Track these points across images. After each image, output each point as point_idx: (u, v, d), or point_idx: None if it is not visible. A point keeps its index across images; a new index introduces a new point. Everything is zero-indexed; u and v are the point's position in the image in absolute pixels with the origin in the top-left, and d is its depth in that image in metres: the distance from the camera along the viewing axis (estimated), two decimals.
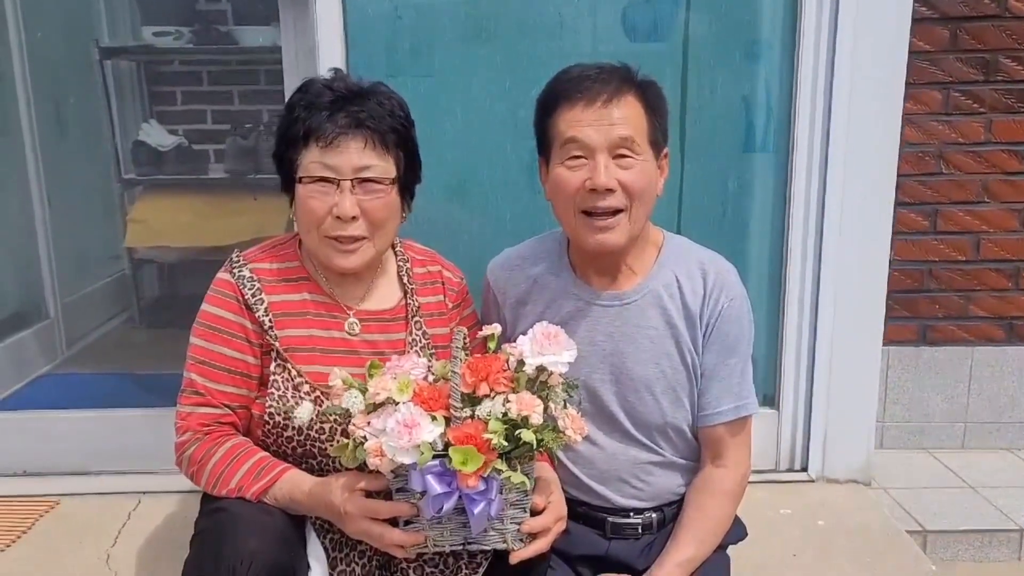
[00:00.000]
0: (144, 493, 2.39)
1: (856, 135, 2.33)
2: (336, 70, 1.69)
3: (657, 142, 1.61)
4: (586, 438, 1.52)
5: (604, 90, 1.55)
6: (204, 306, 1.63)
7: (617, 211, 1.57)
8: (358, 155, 1.57)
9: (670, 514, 1.72)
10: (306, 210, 1.58)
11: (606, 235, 1.59)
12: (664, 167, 1.66)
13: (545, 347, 1.43)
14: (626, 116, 1.56)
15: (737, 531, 1.77)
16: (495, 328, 1.55)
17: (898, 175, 2.41)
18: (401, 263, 1.75)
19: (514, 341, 1.50)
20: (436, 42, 2.33)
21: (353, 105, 1.57)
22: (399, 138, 1.62)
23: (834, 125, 2.32)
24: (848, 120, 2.32)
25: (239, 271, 1.63)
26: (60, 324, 3.41)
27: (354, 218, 1.57)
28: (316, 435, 1.58)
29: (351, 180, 1.56)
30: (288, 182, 1.63)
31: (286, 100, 1.67)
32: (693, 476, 1.73)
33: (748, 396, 1.69)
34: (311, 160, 1.57)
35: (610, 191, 1.55)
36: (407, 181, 1.66)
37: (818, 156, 2.36)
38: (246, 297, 1.60)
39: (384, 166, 1.59)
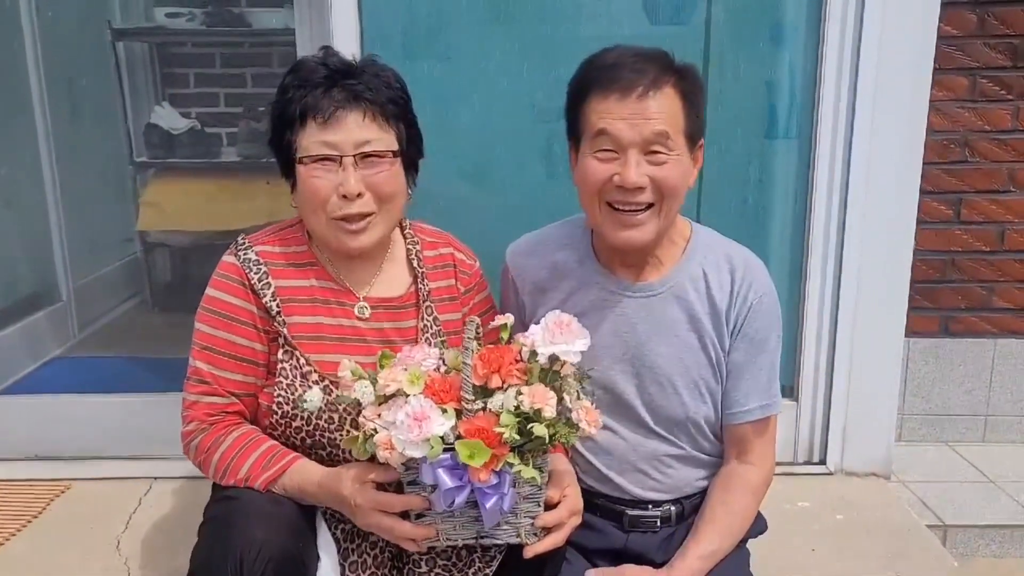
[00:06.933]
0: (155, 478, 2.38)
1: (881, 122, 2.27)
2: (327, 47, 1.64)
3: (693, 135, 1.54)
4: (605, 427, 1.49)
5: (640, 81, 1.48)
6: (209, 291, 1.59)
7: (648, 205, 1.52)
8: (358, 129, 1.52)
9: (689, 507, 1.69)
10: (310, 191, 1.54)
11: (632, 232, 1.53)
12: (699, 158, 1.59)
13: (557, 336, 1.40)
14: (662, 109, 1.48)
15: (758, 525, 1.74)
16: (507, 318, 1.52)
17: (922, 163, 2.36)
18: (411, 246, 1.70)
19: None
20: (453, 24, 2.29)
21: (349, 79, 1.53)
22: (398, 110, 1.57)
23: (859, 111, 2.27)
24: (873, 106, 2.26)
25: (245, 254, 1.59)
26: (72, 307, 3.41)
27: (359, 195, 1.53)
28: (325, 425, 1.55)
29: (353, 156, 1.52)
30: (288, 166, 1.58)
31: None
32: (713, 470, 1.70)
33: (776, 394, 1.66)
34: (310, 139, 1.52)
35: (640, 188, 1.50)
36: (410, 155, 1.62)
37: (842, 143, 2.31)
38: (252, 281, 1.57)
39: (386, 139, 1.55)
